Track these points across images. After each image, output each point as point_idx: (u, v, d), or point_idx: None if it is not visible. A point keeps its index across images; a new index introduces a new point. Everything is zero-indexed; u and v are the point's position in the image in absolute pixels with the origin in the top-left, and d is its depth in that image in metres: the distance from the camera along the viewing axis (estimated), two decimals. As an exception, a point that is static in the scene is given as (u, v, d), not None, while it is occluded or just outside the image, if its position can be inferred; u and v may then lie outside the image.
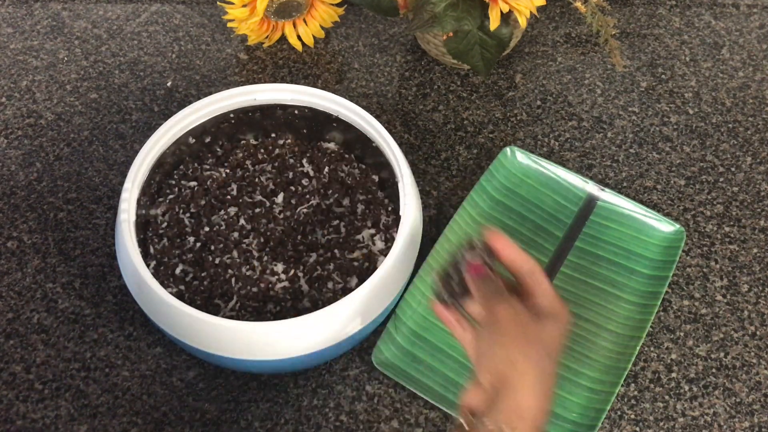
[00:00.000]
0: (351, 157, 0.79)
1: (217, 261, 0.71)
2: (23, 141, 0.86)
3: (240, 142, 0.80)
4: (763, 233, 0.83)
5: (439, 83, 0.94)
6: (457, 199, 0.84)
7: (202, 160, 0.78)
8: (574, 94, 0.93)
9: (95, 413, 0.70)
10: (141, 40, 0.96)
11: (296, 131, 0.80)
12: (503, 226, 0.81)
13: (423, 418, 0.71)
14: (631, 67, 0.96)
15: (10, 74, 0.92)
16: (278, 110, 0.78)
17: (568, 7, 1.01)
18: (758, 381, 0.74)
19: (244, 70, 0.94)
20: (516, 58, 0.96)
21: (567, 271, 0.79)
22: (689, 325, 0.77)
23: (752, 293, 0.79)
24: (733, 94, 0.94)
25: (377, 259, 0.73)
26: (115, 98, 0.90)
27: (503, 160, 0.84)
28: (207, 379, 0.72)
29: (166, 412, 0.70)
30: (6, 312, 0.75)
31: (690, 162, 0.88)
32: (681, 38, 1.00)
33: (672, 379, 0.74)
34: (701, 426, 0.71)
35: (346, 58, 0.96)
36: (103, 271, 0.77)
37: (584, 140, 0.89)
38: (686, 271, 0.80)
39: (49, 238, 0.79)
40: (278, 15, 0.92)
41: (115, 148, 0.86)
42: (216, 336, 0.62)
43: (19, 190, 0.83)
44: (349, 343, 0.67)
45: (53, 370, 0.72)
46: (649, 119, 0.92)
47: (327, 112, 0.77)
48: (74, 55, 0.94)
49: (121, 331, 0.74)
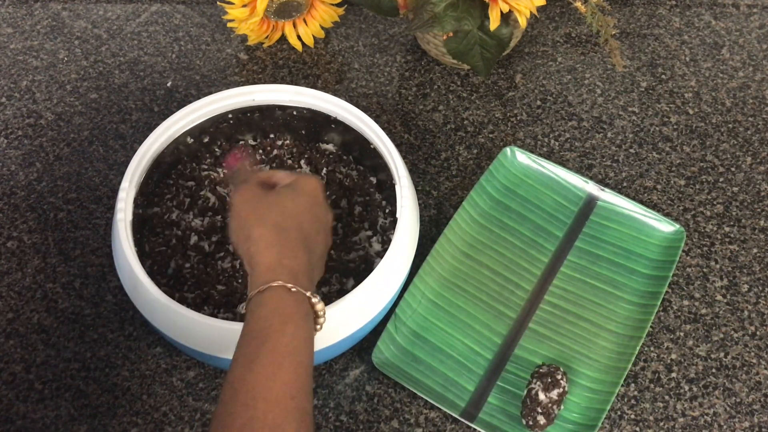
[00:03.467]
0: (349, 158, 0.79)
1: (214, 261, 0.72)
2: (23, 141, 0.86)
3: (238, 143, 0.80)
4: (763, 233, 0.83)
5: (439, 83, 0.94)
6: (457, 199, 0.84)
7: (200, 160, 0.78)
8: (574, 94, 0.93)
9: (95, 413, 0.70)
10: (141, 40, 0.96)
11: (295, 132, 0.80)
12: (503, 226, 0.81)
13: (423, 418, 0.71)
14: (631, 67, 0.96)
15: (10, 74, 0.92)
16: (277, 111, 0.78)
17: (568, 7, 1.01)
18: (758, 381, 0.74)
19: (244, 70, 0.94)
20: (516, 58, 0.96)
21: (567, 271, 0.79)
22: (689, 325, 0.77)
23: (752, 293, 0.79)
24: (733, 94, 0.94)
25: (374, 261, 0.73)
26: (115, 98, 0.90)
27: (503, 160, 0.84)
28: (207, 379, 0.72)
29: (166, 412, 0.70)
30: (6, 312, 0.75)
31: (690, 162, 0.88)
32: (681, 38, 0.99)
33: (672, 379, 0.74)
34: (701, 426, 0.71)
35: (346, 58, 0.96)
36: (103, 271, 0.77)
37: (584, 140, 0.89)
38: (686, 271, 0.80)
39: (49, 238, 0.79)
40: (278, 15, 0.92)
41: (115, 148, 0.86)
42: (213, 337, 0.62)
43: (19, 190, 0.83)
44: (346, 343, 0.67)
45: (53, 370, 0.72)
46: (649, 119, 0.92)
47: (325, 114, 0.76)
48: (74, 55, 0.94)
49: (121, 331, 0.74)
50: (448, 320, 0.75)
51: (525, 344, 0.74)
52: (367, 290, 0.64)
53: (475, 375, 0.73)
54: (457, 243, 0.79)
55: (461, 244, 0.79)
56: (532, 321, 0.76)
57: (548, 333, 0.75)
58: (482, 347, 0.74)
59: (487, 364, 0.73)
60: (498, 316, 0.76)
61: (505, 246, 0.80)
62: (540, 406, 0.68)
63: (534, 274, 0.78)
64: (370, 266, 0.72)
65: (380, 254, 0.73)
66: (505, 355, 0.74)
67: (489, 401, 0.71)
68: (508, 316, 0.76)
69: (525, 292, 0.77)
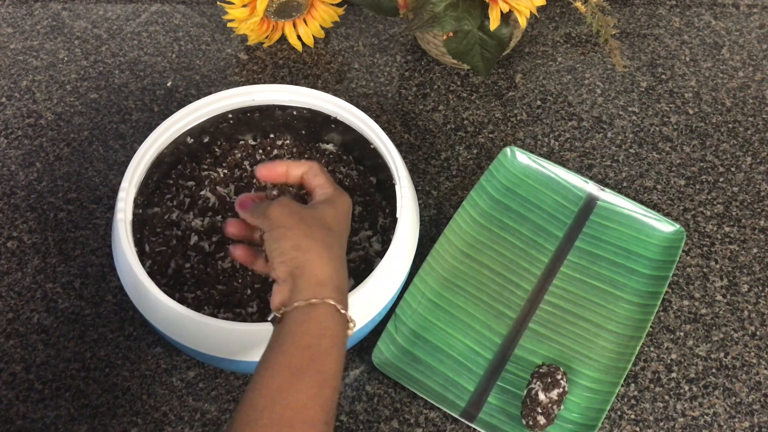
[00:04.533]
0: (349, 158, 0.79)
1: (214, 261, 0.72)
2: (23, 141, 0.86)
3: (238, 143, 0.80)
4: (763, 233, 0.83)
5: (439, 83, 0.94)
6: (457, 199, 0.84)
7: (200, 160, 0.78)
8: (574, 94, 0.93)
9: (95, 413, 0.70)
10: (141, 40, 0.96)
11: (295, 132, 0.80)
12: (503, 226, 0.81)
13: (423, 418, 0.71)
14: (631, 67, 0.96)
15: (10, 74, 0.92)
16: (277, 111, 0.78)
17: (568, 7, 1.01)
18: (758, 381, 0.74)
19: (244, 70, 0.94)
20: (516, 58, 0.96)
21: (567, 271, 0.79)
22: (689, 325, 0.77)
23: (752, 293, 0.79)
24: (733, 94, 0.94)
25: (374, 261, 0.72)
26: (115, 98, 0.90)
27: (503, 160, 0.84)
28: (207, 379, 0.72)
29: (166, 412, 0.70)
30: (6, 312, 0.75)
31: (690, 162, 0.88)
32: (681, 38, 0.99)
33: (672, 379, 0.74)
34: (701, 426, 0.71)
35: (346, 58, 0.96)
36: (103, 271, 0.77)
37: (584, 140, 0.89)
38: (686, 271, 0.80)
39: (49, 238, 0.79)
40: (278, 15, 0.92)
41: (115, 148, 0.86)
42: (212, 337, 0.62)
43: (19, 190, 0.83)
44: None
45: (53, 370, 0.72)
46: (649, 119, 0.92)
47: (325, 114, 0.76)
48: (74, 55, 0.94)
49: (121, 331, 0.74)
50: (448, 320, 0.75)
51: (525, 344, 0.74)
52: (367, 290, 0.64)
53: (475, 375, 0.73)
54: (457, 243, 0.79)
55: (461, 244, 0.79)
56: (532, 321, 0.76)
57: (548, 333, 0.75)
58: (482, 347, 0.74)
59: (487, 364, 0.73)
60: (498, 316, 0.76)
61: (505, 246, 0.80)
62: (540, 406, 0.68)
63: (534, 274, 0.78)
64: (370, 266, 0.72)
65: (380, 254, 0.73)
66: (505, 355, 0.74)
67: (489, 401, 0.71)
68: (508, 316, 0.76)
69: (525, 292, 0.77)
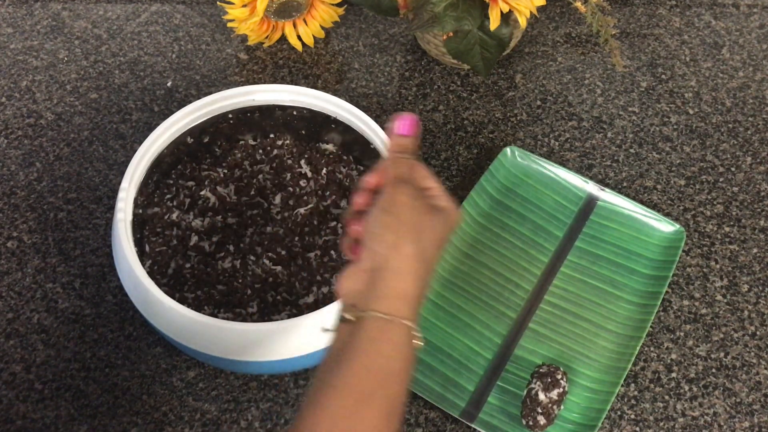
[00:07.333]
0: (349, 158, 0.79)
1: (215, 262, 0.72)
2: (23, 141, 0.86)
3: (238, 143, 0.80)
4: (763, 233, 0.83)
5: (439, 83, 0.94)
6: (457, 199, 0.84)
7: (200, 160, 0.78)
8: (574, 94, 0.93)
9: (95, 413, 0.70)
10: (141, 40, 0.96)
11: (295, 132, 0.80)
12: (503, 226, 0.81)
13: (423, 418, 0.71)
14: (631, 67, 0.96)
15: (10, 74, 0.92)
16: (277, 111, 0.78)
17: (568, 7, 1.01)
18: (758, 381, 0.74)
19: (244, 70, 0.94)
20: (516, 58, 0.96)
21: (567, 271, 0.79)
22: (689, 325, 0.77)
23: (752, 293, 0.79)
24: (733, 94, 0.94)
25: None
26: (115, 98, 0.90)
27: (503, 160, 0.84)
28: (207, 379, 0.72)
29: (166, 412, 0.70)
30: (6, 312, 0.75)
31: (690, 162, 0.88)
32: (681, 38, 0.99)
33: (672, 379, 0.74)
34: (701, 426, 0.71)
35: (346, 58, 0.96)
36: (103, 271, 0.77)
37: (584, 140, 0.89)
38: (686, 271, 0.80)
39: (49, 238, 0.79)
40: (278, 15, 0.92)
41: (115, 148, 0.86)
42: (213, 337, 0.62)
43: (19, 190, 0.83)
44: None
45: (53, 370, 0.72)
46: (649, 119, 0.92)
47: (325, 114, 0.76)
48: (74, 55, 0.94)
49: (121, 331, 0.74)
50: (448, 320, 0.75)
51: (525, 344, 0.74)
52: (367, 290, 0.64)
53: (475, 375, 0.73)
54: (457, 243, 0.79)
55: (461, 244, 0.79)
56: (532, 321, 0.76)
57: (548, 333, 0.75)
58: (482, 347, 0.74)
59: (487, 364, 0.73)
60: (498, 316, 0.76)
61: (505, 246, 0.80)
62: (540, 406, 0.68)
63: (534, 274, 0.78)
64: (370, 266, 0.71)
65: (380, 254, 0.73)
66: (505, 355, 0.74)
67: (489, 401, 0.71)
68: (508, 316, 0.76)
69: (525, 292, 0.77)
